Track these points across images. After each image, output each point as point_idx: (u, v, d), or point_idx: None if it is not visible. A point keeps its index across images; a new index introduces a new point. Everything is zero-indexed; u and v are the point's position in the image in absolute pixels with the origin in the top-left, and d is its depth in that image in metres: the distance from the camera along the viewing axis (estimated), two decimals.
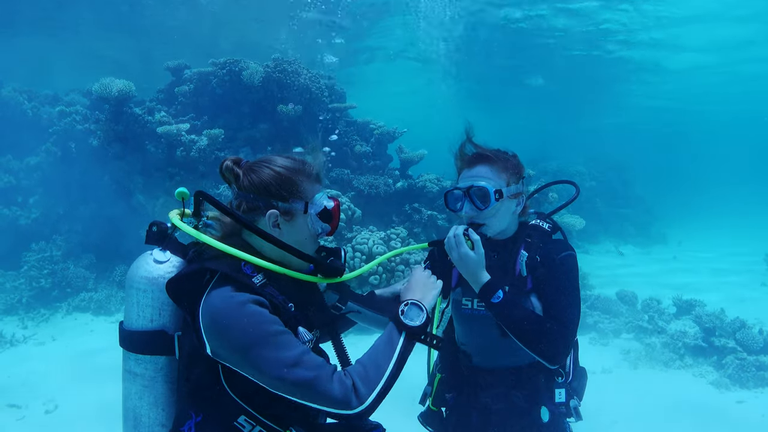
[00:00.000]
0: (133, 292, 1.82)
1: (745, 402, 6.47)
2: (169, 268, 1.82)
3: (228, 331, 1.62)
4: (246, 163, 1.92)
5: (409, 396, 3.13)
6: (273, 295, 1.73)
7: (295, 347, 1.65)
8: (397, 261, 8.58)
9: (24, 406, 6.42)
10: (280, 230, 1.87)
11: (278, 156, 1.94)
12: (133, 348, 1.82)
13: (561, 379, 2.45)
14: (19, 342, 8.55)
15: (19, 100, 13.00)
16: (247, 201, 1.85)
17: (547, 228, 2.51)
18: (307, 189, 1.91)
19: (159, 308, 1.81)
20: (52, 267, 10.49)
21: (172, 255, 1.86)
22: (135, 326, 1.81)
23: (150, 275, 1.80)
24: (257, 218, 1.87)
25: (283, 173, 1.86)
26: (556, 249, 2.40)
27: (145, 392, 1.81)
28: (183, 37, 17.58)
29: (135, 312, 1.81)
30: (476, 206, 2.35)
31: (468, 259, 2.25)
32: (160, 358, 1.82)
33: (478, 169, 2.38)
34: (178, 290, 1.73)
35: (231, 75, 11.83)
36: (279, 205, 1.84)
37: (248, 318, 1.62)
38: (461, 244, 2.26)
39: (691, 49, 20.14)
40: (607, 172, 23.09)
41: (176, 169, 10.87)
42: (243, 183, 1.86)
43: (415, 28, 18.17)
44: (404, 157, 11.82)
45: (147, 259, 1.85)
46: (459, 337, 2.63)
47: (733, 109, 33.46)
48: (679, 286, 12.10)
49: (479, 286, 2.27)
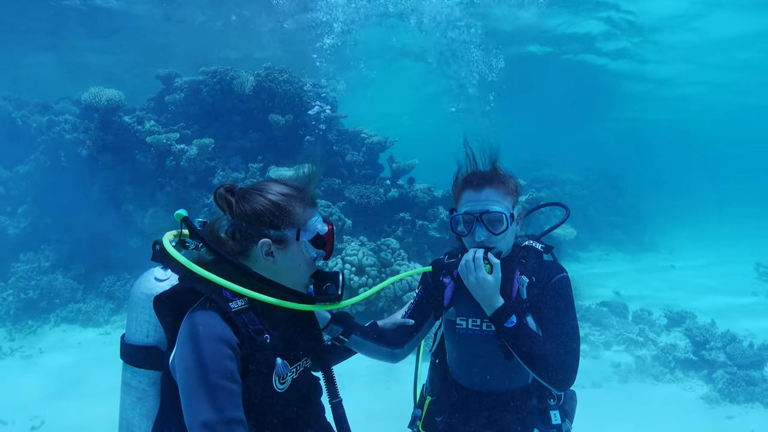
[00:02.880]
0: (134, 308, 1.88)
1: (734, 417, 6.48)
2: (168, 286, 1.85)
3: (185, 357, 1.64)
4: (239, 190, 1.91)
5: (399, 419, 3.10)
6: (248, 324, 1.72)
7: (223, 411, 1.61)
8: (388, 272, 8.55)
9: (10, 422, 6.35)
10: (273, 258, 1.85)
11: (272, 182, 1.93)
12: (130, 361, 1.88)
13: (553, 402, 2.45)
14: (6, 355, 8.46)
15: (8, 109, 12.89)
16: (240, 229, 1.85)
17: (540, 248, 2.50)
18: (299, 215, 1.88)
19: (155, 324, 1.85)
20: (40, 278, 10.39)
21: (173, 273, 1.88)
22: (133, 340, 1.88)
23: (149, 292, 1.85)
24: (250, 246, 1.86)
25: (275, 201, 1.85)
26: (550, 271, 2.41)
27: (138, 404, 1.88)
28: (174, 49, 17.55)
29: (134, 327, 1.88)
30: (491, 231, 2.32)
31: (486, 283, 2.24)
32: (154, 372, 1.87)
33: (487, 192, 2.34)
34: (162, 307, 1.76)
35: (222, 84, 11.78)
36: (271, 233, 1.83)
37: (207, 356, 1.62)
38: (480, 268, 2.24)
39: (676, 58, 20.35)
40: (598, 180, 23.19)
41: (166, 179, 10.80)
42: (235, 211, 1.85)
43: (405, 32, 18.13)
44: (396, 167, 11.80)
45: (149, 277, 1.90)
46: (451, 358, 2.60)
47: (725, 118, 33.72)
48: (670, 295, 12.16)
49: (493, 310, 2.25)
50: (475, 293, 2.28)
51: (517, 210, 2.42)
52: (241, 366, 1.70)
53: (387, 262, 8.69)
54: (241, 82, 11.32)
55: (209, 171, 11.00)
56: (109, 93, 10.52)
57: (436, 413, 2.61)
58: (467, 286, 2.30)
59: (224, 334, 1.66)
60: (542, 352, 2.18)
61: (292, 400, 1.92)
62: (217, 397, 1.61)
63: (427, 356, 2.76)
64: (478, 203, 2.34)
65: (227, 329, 1.67)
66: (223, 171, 10.91)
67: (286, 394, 1.86)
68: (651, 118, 33.23)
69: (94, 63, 18.83)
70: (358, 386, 7.00)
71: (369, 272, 8.27)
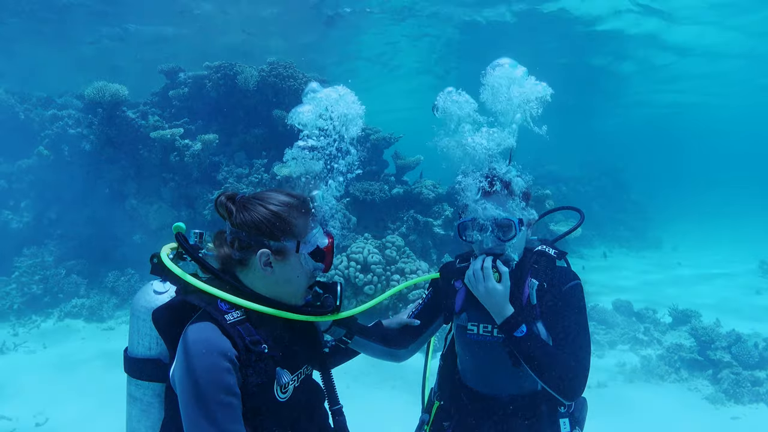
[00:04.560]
0: (135, 321, 1.88)
1: (740, 418, 6.46)
2: (166, 298, 1.84)
3: (183, 372, 1.64)
4: (241, 198, 1.89)
5: (405, 425, 3.08)
6: (244, 335, 1.71)
7: (222, 426, 1.61)
8: (393, 270, 8.52)
9: (14, 419, 6.35)
10: (272, 269, 1.84)
11: (275, 192, 1.91)
12: (133, 374, 1.88)
13: (563, 409, 2.42)
14: (9, 350, 8.46)
15: (11, 103, 12.86)
16: (240, 238, 1.83)
17: (553, 254, 2.46)
18: (300, 227, 1.87)
19: (157, 337, 1.85)
20: (43, 272, 10.40)
21: (171, 286, 1.87)
22: (136, 353, 1.87)
23: (149, 305, 1.84)
24: (249, 256, 1.84)
25: (276, 212, 1.83)
26: (563, 278, 2.37)
27: (143, 416, 1.88)
28: (177, 44, 17.50)
29: (136, 339, 1.88)
30: (501, 239, 2.29)
31: (495, 292, 2.22)
32: (157, 384, 1.86)
33: (496, 197, 2.31)
34: (161, 320, 1.76)
35: (226, 79, 11.74)
36: (270, 244, 1.82)
37: (203, 372, 1.62)
38: (489, 277, 2.22)
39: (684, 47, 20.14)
40: (602, 176, 23.15)
41: (170, 174, 10.78)
42: (236, 220, 1.83)
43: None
44: (400, 163, 11.77)
45: (148, 289, 1.89)
46: (462, 363, 2.57)
47: (731, 114, 33.58)
48: (675, 293, 12.10)
49: (502, 319, 2.23)
50: (484, 302, 2.27)
51: (527, 214, 2.38)
52: (241, 378, 1.69)
53: (392, 259, 8.66)
54: (245, 77, 11.28)
55: (213, 166, 10.97)
56: (113, 87, 10.48)
57: (444, 418, 2.59)
58: (476, 296, 2.29)
59: (222, 347, 1.65)
60: (551, 361, 2.16)
61: (295, 409, 1.91)
62: (215, 411, 1.61)
63: (436, 360, 2.74)
64: (486, 210, 2.30)
65: (225, 341, 1.66)
66: (227, 167, 10.88)
67: (288, 403, 1.86)
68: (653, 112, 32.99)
69: (96, 56, 18.79)
70: (363, 388, 6.98)
71: (374, 270, 8.24)
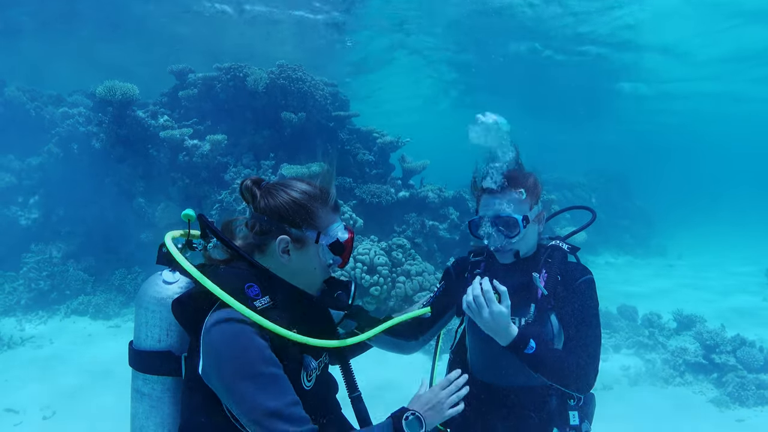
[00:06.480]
0: (142, 312, 1.81)
1: (744, 421, 6.48)
2: (177, 288, 1.81)
3: (220, 358, 1.62)
4: (266, 184, 1.91)
5: None
6: (276, 321, 1.69)
7: (282, 396, 1.61)
8: (398, 272, 8.56)
9: (21, 412, 6.40)
10: (289, 257, 1.84)
11: (298, 180, 1.92)
12: (141, 368, 1.81)
13: (573, 402, 2.44)
14: (16, 344, 8.51)
15: (22, 100, 12.95)
16: (261, 223, 1.84)
17: (566, 249, 2.50)
18: (322, 218, 1.88)
19: (167, 329, 1.80)
20: (51, 269, 10.45)
21: (181, 276, 1.83)
22: (143, 346, 1.80)
23: (158, 296, 1.79)
24: (268, 241, 1.85)
25: (299, 200, 1.84)
26: (576, 272, 2.40)
27: (152, 412, 1.81)
28: (189, 44, 17.59)
29: (144, 332, 1.81)
30: (505, 236, 2.33)
31: (501, 316, 2.15)
32: (168, 378, 1.81)
33: (502, 195, 2.34)
34: (182, 311, 1.73)
35: (235, 80, 11.81)
36: (291, 231, 1.83)
37: (241, 351, 1.61)
38: (492, 301, 2.15)
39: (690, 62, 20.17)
40: (607, 183, 23.08)
41: (178, 174, 10.84)
42: (259, 204, 1.85)
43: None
44: (407, 167, 11.81)
45: (156, 280, 1.84)
46: (472, 356, 2.60)
47: (735, 122, 33.51)
48: (679, 299, 12.09)
49: (509, 341, 2.19)
50: (488, 329, 2.20)
51: (537, 210, 2.41)
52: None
53: (398, 261, 8.70)
54: (254, 79, 11.33)
55: (221, 167, 11.03)
56: (124, 87, 10.54)
57: None
58: (480, 324, 2.21)
59: (255, 330, 1.65)
60: (564, 365, 2.20)
61: (317, 398, 1.90)
62: (272, 383, 1.61)
63: (446, 354, 2.76)
64: (491, 207, 2.34)
65: (255, 326, 1.66)
66: (235, 167, 10.94)
67: (312, 391, 1.85)
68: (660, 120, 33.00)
69: (107, 55, 18.89)
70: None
71: (380, 271, 8.28)
